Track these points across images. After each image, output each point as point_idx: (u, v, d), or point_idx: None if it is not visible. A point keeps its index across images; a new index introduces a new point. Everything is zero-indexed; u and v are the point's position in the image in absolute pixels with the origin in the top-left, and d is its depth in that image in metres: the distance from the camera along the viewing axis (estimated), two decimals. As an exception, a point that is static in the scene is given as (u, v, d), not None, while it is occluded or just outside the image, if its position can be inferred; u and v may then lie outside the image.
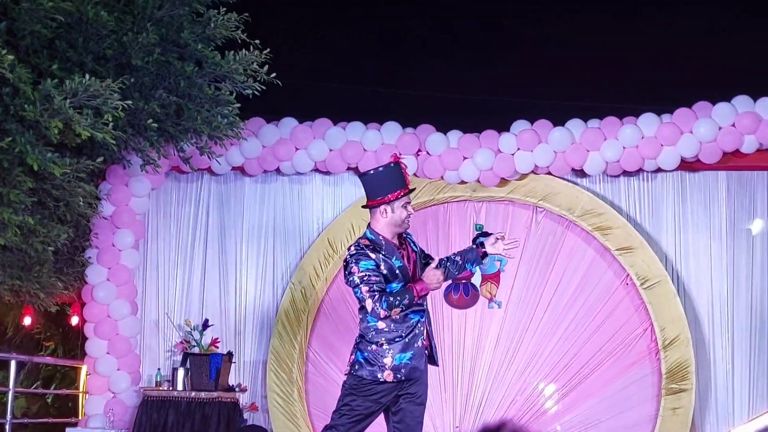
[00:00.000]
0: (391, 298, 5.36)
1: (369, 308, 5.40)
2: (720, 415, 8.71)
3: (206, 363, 8.64)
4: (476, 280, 9.06)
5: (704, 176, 8.95)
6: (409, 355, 5.45)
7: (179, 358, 8.88)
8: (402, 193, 5.55)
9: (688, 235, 8.94)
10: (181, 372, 8.60)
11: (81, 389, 9.19)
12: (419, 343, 5.51)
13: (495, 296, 9.06)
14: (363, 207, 5.69)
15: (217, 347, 8.89)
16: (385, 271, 5.46)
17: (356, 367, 5.52)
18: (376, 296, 5.38)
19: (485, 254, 5.70)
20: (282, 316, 9.05)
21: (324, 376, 8.97)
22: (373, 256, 5.46)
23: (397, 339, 5.46)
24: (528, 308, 8.97)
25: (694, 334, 8.68)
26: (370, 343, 5.50)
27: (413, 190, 5.74)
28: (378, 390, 5.46)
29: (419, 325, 5.52)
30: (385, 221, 5.56)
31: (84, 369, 9.10)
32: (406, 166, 5.66)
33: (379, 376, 5.44)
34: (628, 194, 9.05)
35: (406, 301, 5.38)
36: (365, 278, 5.42)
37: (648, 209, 9.02)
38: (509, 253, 5.73)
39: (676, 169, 8.79)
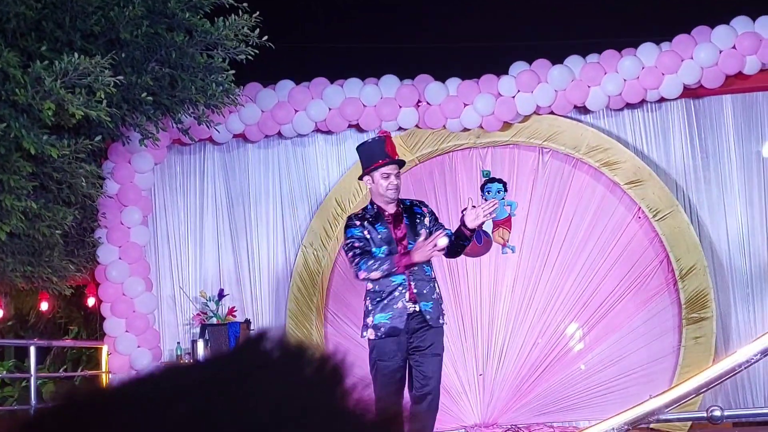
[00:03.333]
0: (371, 262, 5.81)
1: (353, 271, 5.94)
2: (743, 341, 8.63)
3: (225, 333, 8.65)
4: (488, 226, 9.00)
5: (709, 101, 8.79)
6: (388, 315, 5.82)
7: (197, 330, 8.88)
8: (381, 164, 5.85)
9: (697, 162, 8.80)
10: (200, 344, 8.60)
11: (104, 369, 9.22)
12: (399, 304, 5.82)
13: (508, 241, 9.00)
14: (359, 179, 6.19)
15: (235, 316, 8.89)
16: (368, 237, 5.90)
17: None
18: (357, 260, 5.85)
19: (472, 231, 5.83)
20: (296, 279, 9.03)
21: (344, 335, 8.95)
22: (358, 223, 5.93)
23: (377, 300, 5.88)
24: (542, 250, 8.90)
25: (711, 262, 8.61)
26: (365, 303, 6.01)
27: (397, 161, 5.98)
28: (377, 349, 5.87)
29: (400, 287, 5.83)
30: (373, 191, 5.97)
31: (105, 349, 9.12)
32: (389, 138, 6.06)
33: (364, 334, 5.95)
34: (634, 127, 8.92)
35: (385, 266, 5.78)
36: (349, 244, 5.94)
37: (654, 140, 8.89)
38: (493, 215, 6.27)
39: (680, 97, 8.65)
